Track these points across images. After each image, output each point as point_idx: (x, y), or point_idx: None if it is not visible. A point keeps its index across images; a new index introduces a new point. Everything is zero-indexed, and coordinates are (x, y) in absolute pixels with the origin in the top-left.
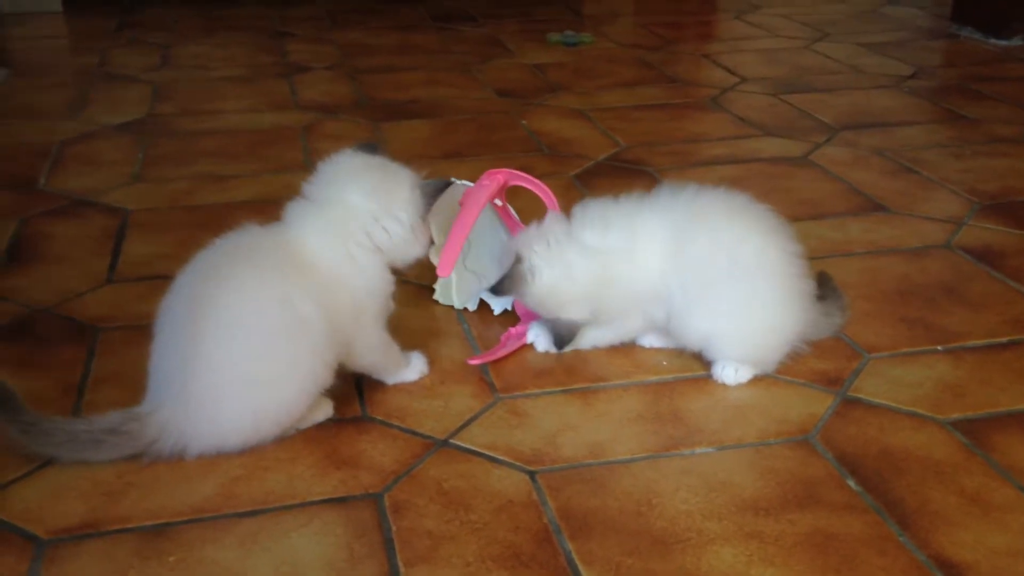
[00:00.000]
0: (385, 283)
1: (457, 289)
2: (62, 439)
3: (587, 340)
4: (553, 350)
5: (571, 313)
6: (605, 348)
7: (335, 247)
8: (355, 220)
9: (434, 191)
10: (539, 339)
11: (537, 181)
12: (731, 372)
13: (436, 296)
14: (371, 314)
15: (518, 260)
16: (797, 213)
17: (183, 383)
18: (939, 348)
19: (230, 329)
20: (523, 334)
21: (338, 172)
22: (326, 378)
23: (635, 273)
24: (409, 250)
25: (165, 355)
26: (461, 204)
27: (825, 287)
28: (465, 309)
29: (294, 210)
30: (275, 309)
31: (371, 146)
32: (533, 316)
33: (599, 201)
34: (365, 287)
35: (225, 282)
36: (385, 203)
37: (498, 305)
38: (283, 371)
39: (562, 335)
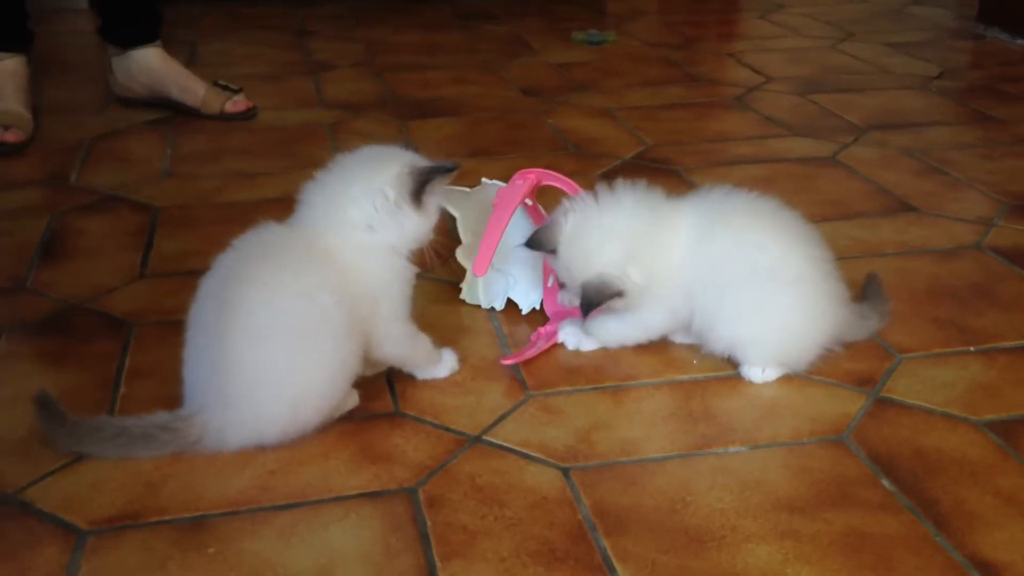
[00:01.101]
0: (397, 270)
1: (484, 288)
2: (111, 434)
3: (613, 337)
4: (585, 346)
5: (603, 260)
6: (633, 347)
7: (340, 233)
8: (348, 202)
9: (427, 171)
10: (569, 337)
11: (569, 180)
12: (758, 372)
13: (463, 295)
14: (388, 305)
15: (561, 214)
16: (825, 213)
17: (217, 388)
18: (971, 349)
19: (255, 330)
20: (553, 333)
21: (338, 162)
22: (355, 365)
23: (664, 256)
24: (405, 229)
25: (197, 361)
26: (495, 205)
27: (870, 288)
28: (493, 308)
29: (302, 202)
30: (296, 304)
31: (403, 146)
32: (563, 315)
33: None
34: (376, 273)
35: (245, 283)
36: (369, 181)
37: (526, 304)
38: (312, 363)
39: (591, 297)
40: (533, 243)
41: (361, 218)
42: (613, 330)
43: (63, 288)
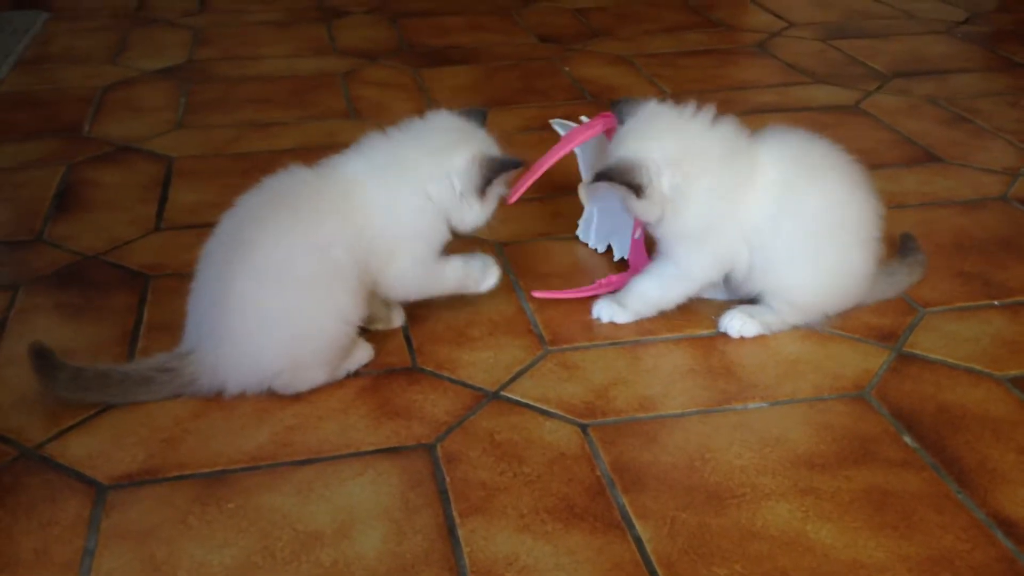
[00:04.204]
0: (431, 231)
1: (596, 229)
2: (115, 379)
3: (650, 301)
4: (619, 319)
5: (644, 147)
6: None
7: (390, 191)
8: (413, 174)
9: (496, 166)
10: (603, 310)
11: None
12: (736, 325)
13: (577, 232)
14: (410, 256)
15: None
16: None
17: (216, 322)
18: (996, 303)
19: (263, 272)
20: (609, 284)
21: (417, 126)
22: (357, 317)
23: (731, 192)
24: (462, 215)
25: (202, 296)
26: (562, 139)
27: (905, 246)
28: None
29: (363, 147)
30: (307, 253)
31: (479, 112)
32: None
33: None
34: (409, 230)
35: (262, 226)
36: (439, 164)
37: (618, 251)
38: (314, 311)
39: (610, 172)
40: (615, 106)
41: (425, 193)
42: (650, 292)
43: (79, 240)
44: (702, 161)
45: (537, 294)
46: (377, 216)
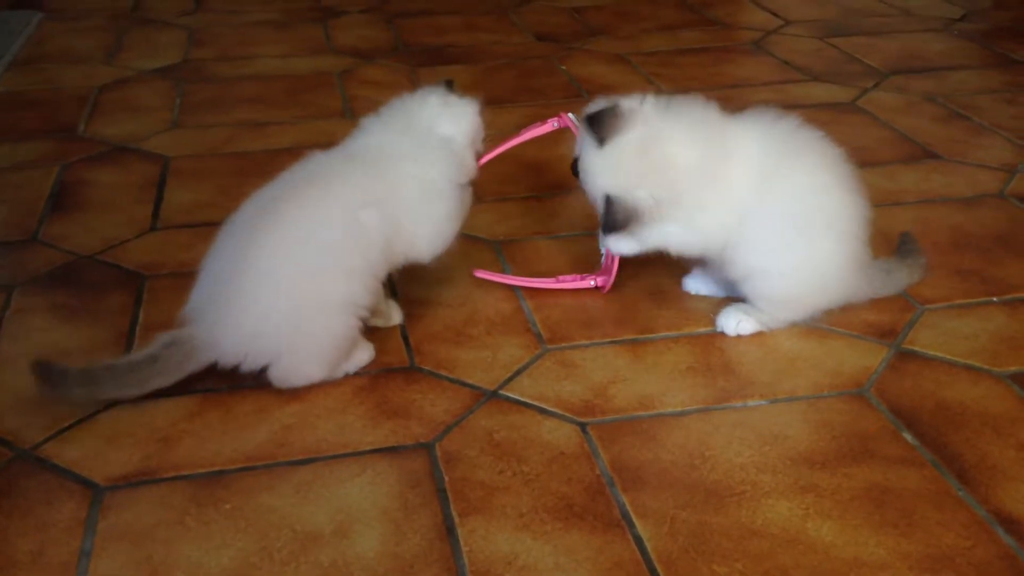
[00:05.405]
0: (456, 174)
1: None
2: (125, 368)
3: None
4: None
5: (646, 185)
6: (653, 299)
7: (408, 145)
8: (413, 116)
9: (443, 81)
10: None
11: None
12: (732, 323)
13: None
14: (448, 199)
15: (631, 111)
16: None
17: (229, 284)
18: (994, 300)
19: (289, 237)
20: (574, 280)
21: (391, 103)
22: (367, 303)
23: (723, 185)
24: (458, 114)
25: (218, 258)
26: (522, 130)
27: (904, 246)
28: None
29: (367, 128)
30: (335, 217)
31: (446, 82)
32: (608, 273)
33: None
34: (445, 177)
35: (291, 199)
36: (420, 103)
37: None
38: (328, 287)
39: (616, 218)
40: (593, 121)
41: (426, 119)
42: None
43: (74, 240)
44: (696, 190)
45: (479, 273)
46: (401, 177)
